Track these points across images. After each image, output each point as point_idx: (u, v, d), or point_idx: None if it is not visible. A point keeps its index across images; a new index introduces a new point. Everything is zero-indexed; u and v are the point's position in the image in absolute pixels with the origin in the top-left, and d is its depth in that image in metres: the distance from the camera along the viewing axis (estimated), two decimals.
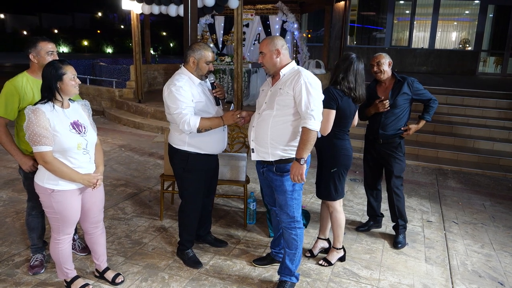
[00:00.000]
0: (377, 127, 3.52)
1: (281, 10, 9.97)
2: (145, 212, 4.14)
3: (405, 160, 3.64)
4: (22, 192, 3.11)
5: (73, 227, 2.63)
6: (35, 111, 2.30)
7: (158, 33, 48.39)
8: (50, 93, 2.39)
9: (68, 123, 2.42)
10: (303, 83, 2.51)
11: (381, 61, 3.42)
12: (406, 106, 3.47)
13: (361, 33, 15.84)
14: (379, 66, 3.43)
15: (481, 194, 5.11)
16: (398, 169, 3.56)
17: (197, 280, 2.97)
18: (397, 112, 3.46)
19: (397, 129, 3.49)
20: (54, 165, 2.36)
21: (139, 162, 5.90)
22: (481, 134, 7.08)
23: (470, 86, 8.87)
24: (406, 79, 3.44)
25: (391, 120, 3.46)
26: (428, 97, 3.52)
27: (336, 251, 3.27)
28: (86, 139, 2.48)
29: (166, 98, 2.84)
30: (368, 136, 3.71)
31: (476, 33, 13.94)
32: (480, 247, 3.68)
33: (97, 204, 2.72)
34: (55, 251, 2.63)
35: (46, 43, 2.74)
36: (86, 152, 2.49)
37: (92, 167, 2.58)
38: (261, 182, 3.04)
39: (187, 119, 2.75)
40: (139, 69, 8.89)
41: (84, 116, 2.58)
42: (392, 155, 3.53)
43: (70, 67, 2.44)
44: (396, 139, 3.52)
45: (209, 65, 2.91)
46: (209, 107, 2.94)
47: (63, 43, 47.17)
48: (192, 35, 6.00)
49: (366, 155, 3.80)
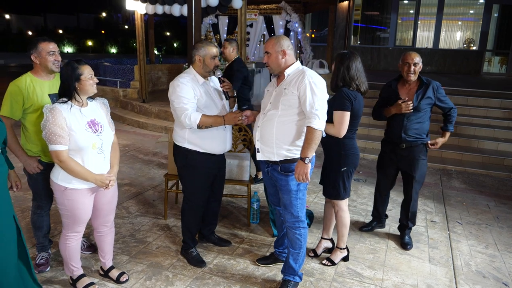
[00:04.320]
0: (399, 131, 3.39)
1: (285, 10, 9.98)
2: (149, 211, 4.16)
3: (427, 163, 3.53)
4: (27, 191, 3.13)
5: (83, 225, 2.66)
6: (52, 110, 2.35)
7: (162, 33, 48.47)
8: (68, 94, 2.42)
9: (85, 122, 2.45)
10: (308, 82, 2.52)
11: (417, 61, 3.26)
12: (428, 110, 3.36)
13: (365, 33, 15.82)
14: (416, 66, 3.27)
15: (486, 195, 5.09)
16: (420, 174, 3.46)
17: (201, 279, 2.98)
18: (421, 116, 3.34)
19: (420, 134, 3.38)
20: (68, 164, 2.39)
21: (143, 162, 5.93)
22: (485, 134, 7.04)
23: (474, 86, 8.83)
24: (432, 82, 3.32)
25: (414, 124, 3.34)
26: (450, 105, 3.39)
27: (339, 250, 3.27)
28: (101, 139, 2.51)
29: (170, 94, 2.91)
30: (388, 141, 3.57)
31: (480, 32, 13.89)
32: (484, 247, 3.67)
33: (108, 204, 2.75)
34: (63, 247, 2.68)
35: (46, 43, 2.73)
36: (100, 152, 2.52)
37: (107, 167, 2.60)
38: (265, 182, 3.05)
39: (188, 113, 2.80)
40: (143, 69, 8.93)
41: (102, 115, 2.60)
42: (416, 159, 3.41)
43: (87, 66, 2.47)
44: (420, 142, 3.40)
45: (215, 59, 2.96)
46: (211, 106, 2.97)
47: (67, 43, 47.35)
48: (196, 35, 6.03)
49: (383, 160, 3.65)
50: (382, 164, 3.69)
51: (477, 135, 7.05)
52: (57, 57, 2.77)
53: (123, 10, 45.31)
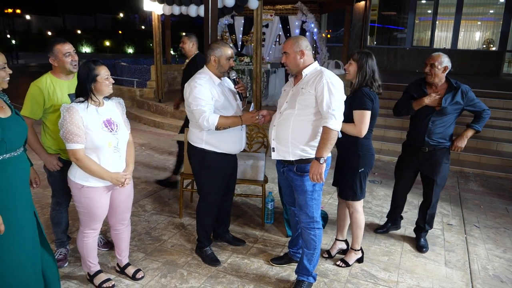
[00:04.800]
0: (423, 134, 3.34)
1: (301, 10, 9.93)
2: (165, 210, 4.21)
3: (449, 167, 3.47)
4: (46, 187, 3.20)
5: (99, 223, 2.71)
6: (69, 110, 2.40)
7: (179, 33, 48.78)
8: (85, 93, 2.47)
9: (101, 121, 2.50)
10: (325, 83, 2.52)
11: (435, 63, 3.19)
12: (454, 115, 3.30)
13: (381, 33, 15.66)
14: (432, 68, 3.22)
15: (504, 198, 5.00)
16: (441, 178, 3.42)
17: (215, 278, 3.01)
18: (446, 120, 3.29)
19: (443, 138, 3.33)
20: (84, 163, 2.44)
21: (159, 161, 5.99)
22: (505, 136, 6.91)
23: (494, 87, 8.66)
24: (460, 86, 3.23)
25: (439, 127, 3.29)
26: (481, 108, 3.29)
27: (354, 252, 3.26)
28: (117, 138, 2.55)
29: (187, 96, 2.91)
30: (410, 144, 3.52)
31: (501, 33, 13.59)
32: (503, 251, 3.61)
33: (125, 202, 2.80)
34: (80, 243, 2.74)
35: (61, 45, 2.76)
36: (116, 150, 2.56)
37: (122, 165, 2.64)
38: (281, 182, 3.06)
39: (206, 115, 2.80)
40: (159, 69, 9.02)
41: (118, 114, 2.64)
42: (439, 162, 3.36)
43: (103, 67, 2.50)
44: (443, 146, 3.35)
45: (230, 61, 2.97)
46: (228, 107, 2.98)
47: (85, 44, 48.09)
48: (212, 36, 6.05)
49: (404, 164, 3.59)
50: (401, 166, 3.65)
51: (496, 137, 6.92)
52: (74, 57, 2.81)
53: (140, 11, 45.70)
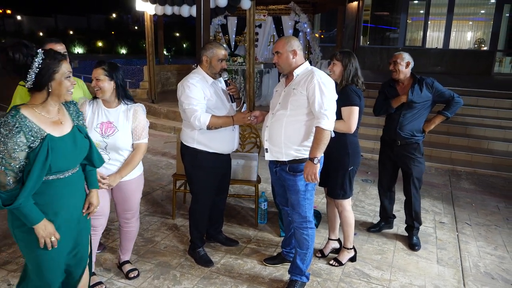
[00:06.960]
0: (394, 127, 3.48)
1: (294, 10, 9.95)
2: (158, 211, 4.20)
3: (424, 162, 3.59)
4: None
5: (97, 221, 2.66)
6: (81, 104, 2.54)
7: (171, 34, 48.68)
8: None
9: (99, 122, 2.54)
10: (317, 83, 2.53)
11: (398, 60, 3.43)
12: (425, 106, 3.44)
13: (374, 33, 15.73)
14: (395, 65, 3.44)
15: (495, 196, 5.05)
16: (417, 172, 3.51)
17: (208, 279, 3.00)
18: (415, 113, 3.43)
19: (414, 131, 3.46)
20: None
21: (152, 162, 5.97)
22: (496, 135, 6.98)
23: (485, 87, 8.74)
24: (425, 79, 3.41)
25: (409, 120, 3.44)
26: (449, 94, 3.43)
27: (347, 251, 3.27)
28: (106, 141, 2.54)
29: (180, 95, 2.92)
30: (385, 138, 3.67)
31: (491, 32, 13.71)
32: (493, 249, 3.64)
33: (123, 203, 2.80)
34: None
35: (53, 44, 2.70)
36: (104, 153, 2.54)
37: (111, 169, 2.59)
38: (273, 182, 3.06)
39: (198, 115, 2.81)
40: (152, 69, 8.99)
41: (122, 120, 2.59)
42: (411, 157, 3.48)
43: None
44: (414, 141, 3.47)
45: (222, 62, 2.96)
46: (220, 107, 2.98)
47: (78, 44, 47.83)
48: (205, 36, 6.05)
49: (382, 157, 3.75)
50: (382, 160, 3.80)
51: (488, 136, 6.99)
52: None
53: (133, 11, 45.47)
